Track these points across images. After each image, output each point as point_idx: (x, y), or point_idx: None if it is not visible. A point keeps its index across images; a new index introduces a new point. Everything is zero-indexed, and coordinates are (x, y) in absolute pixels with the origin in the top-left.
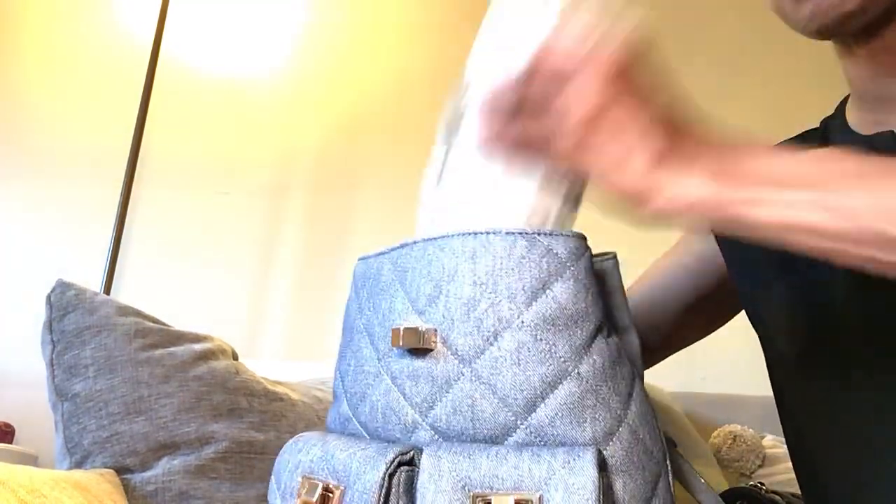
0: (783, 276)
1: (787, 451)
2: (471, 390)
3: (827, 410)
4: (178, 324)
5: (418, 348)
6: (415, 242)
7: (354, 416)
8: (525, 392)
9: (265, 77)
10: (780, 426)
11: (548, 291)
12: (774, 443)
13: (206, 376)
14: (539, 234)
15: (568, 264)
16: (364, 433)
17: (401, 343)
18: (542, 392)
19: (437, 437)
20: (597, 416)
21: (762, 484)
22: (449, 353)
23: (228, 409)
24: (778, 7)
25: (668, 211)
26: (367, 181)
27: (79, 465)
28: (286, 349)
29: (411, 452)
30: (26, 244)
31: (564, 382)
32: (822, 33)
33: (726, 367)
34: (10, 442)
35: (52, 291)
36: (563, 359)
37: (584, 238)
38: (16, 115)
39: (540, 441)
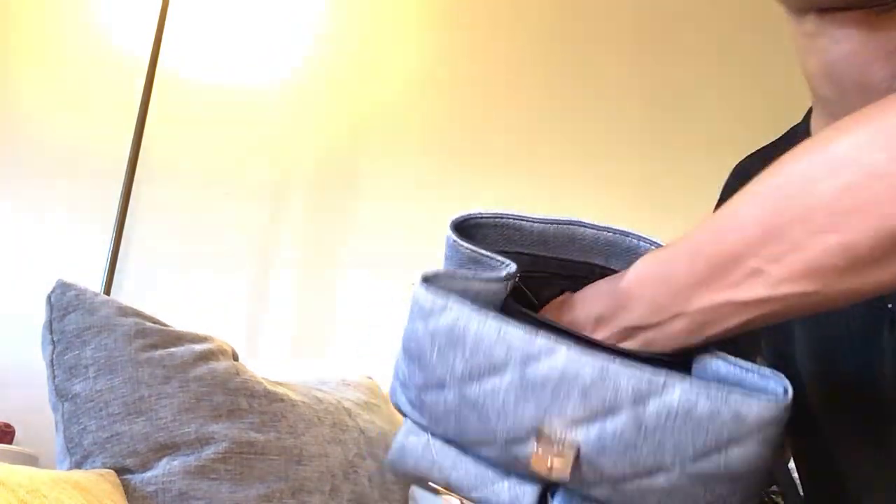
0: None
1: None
2: (606, 498)
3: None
4: (179, 324)
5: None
6: (557, 341)
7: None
8: None
9: (266, 77)
10: None
11: (721, 454)
12: None
13: (206, 377)
14: (731, 395)
15: (756, 431)
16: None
17: (548, 472)
18: None
19: None
20: None
21: None
22: (591, 470)
23: (229, 410)
24: None
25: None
26: (368, 182)
27: (79, 465)
28: (286, 349)
29: None
30: (26, 244)
31: None
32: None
33: None
34: (10, 442)
35: (52, 292)
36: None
37: (788, 392)
38: (16, 116)
39: None
